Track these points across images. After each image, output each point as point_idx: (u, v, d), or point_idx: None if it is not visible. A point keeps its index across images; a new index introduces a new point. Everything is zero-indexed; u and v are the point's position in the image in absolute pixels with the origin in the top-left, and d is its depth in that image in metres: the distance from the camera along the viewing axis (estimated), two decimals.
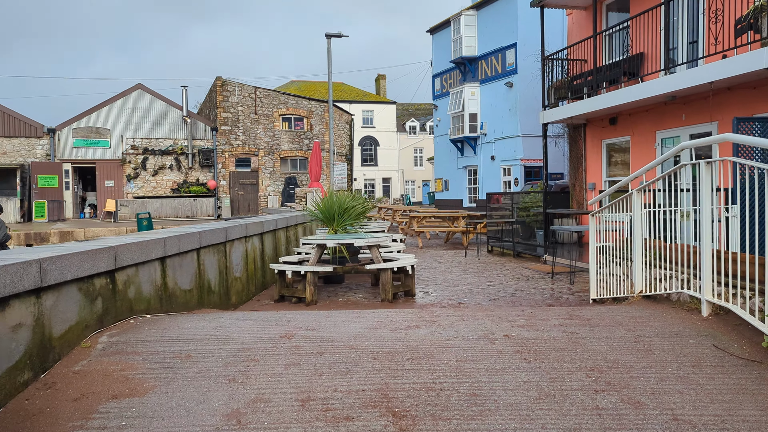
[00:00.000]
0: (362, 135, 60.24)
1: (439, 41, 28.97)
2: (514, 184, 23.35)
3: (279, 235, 10.96)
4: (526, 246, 14.47)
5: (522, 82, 22.97)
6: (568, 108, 14.60)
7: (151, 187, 30.01)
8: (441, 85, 29.08)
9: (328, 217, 10.32)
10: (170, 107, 30.23)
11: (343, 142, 35.59)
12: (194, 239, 6.49)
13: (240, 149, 31.32)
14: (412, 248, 17.25)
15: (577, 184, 16.34)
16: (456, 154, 27.53)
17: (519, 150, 23.22)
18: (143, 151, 29.78)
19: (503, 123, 24.03)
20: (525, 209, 15.82)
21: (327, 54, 16.21)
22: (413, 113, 67.39)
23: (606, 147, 15.21)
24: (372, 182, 61.92)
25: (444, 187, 29.00)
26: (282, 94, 32.14)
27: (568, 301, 8.24)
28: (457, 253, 15.82)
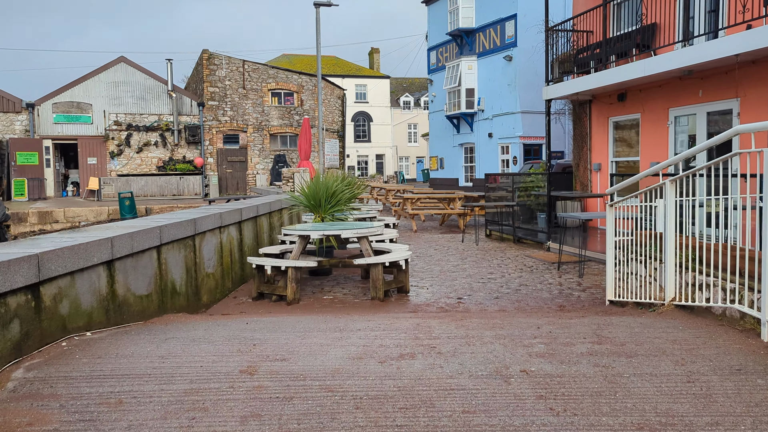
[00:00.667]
0: (355, 110, 59.00)
1: (435, 13, 27.77)
2: (513, 163, 22.43)
3: (261, 222, 10.04)
4: (527, 231, 13.60)
5: (522, 55, 21.93)
6: (574, 83, 13.64)
7: (136, 165, 28.93)
8: (436, 58, 27.95)
9: (314, 204, 9.40)
10: (155, 81, 29.01)
11: (334, 118, 34.48)
12: (153, 236, 5.58)
13: (228, 125, 30.21)
14: (406, 231, 16.37)
15: (581, 164, 15.44)
16: (452, 131, 26.54)
17: (518, 127, 22.27)
18: (127, 127, 28.64)
19: (501, 99, 23.03)
20: (525, 191, 14.93)
21: (315, 24, 15.13)
22: (407, 88, 66.04)
23: (613, 125, 14.29)
24: (365, 159, 60.86)
25: (439, 165, 28.04)
26: (271, 68, 30.94)
27: (580, 300, 7.39)
28: (454, 238, 14.95)
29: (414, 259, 11.21)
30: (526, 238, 13.43)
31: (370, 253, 7.83)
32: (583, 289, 8.08)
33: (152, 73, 29.00)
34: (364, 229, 7.80)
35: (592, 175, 15.02)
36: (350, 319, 5.23)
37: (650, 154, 12.79)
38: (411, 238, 14.96)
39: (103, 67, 28.18)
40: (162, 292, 5.79)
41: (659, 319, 4.79)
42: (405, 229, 16.92)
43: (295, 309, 7.09)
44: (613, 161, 14.32)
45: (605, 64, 12.69)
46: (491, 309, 6.92)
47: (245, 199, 18.01)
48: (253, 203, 9.95)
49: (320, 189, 9.49)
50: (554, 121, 22.69)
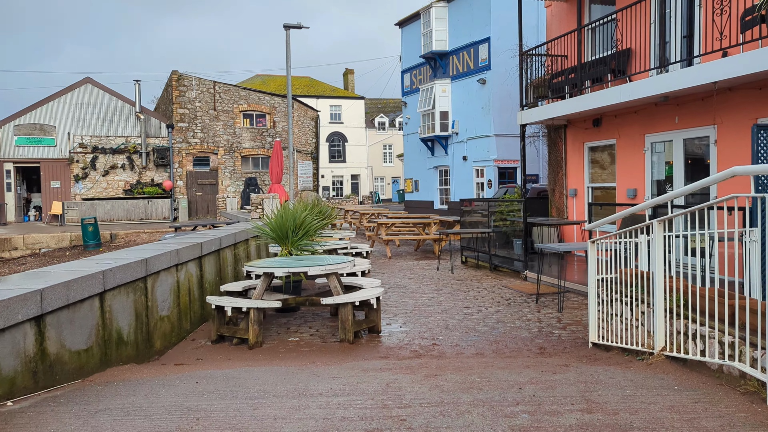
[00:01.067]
0: (330, 131, 58.75)
1: (409, 35, 27.63)
2: (488, 186, 22.18)
3: (224, 255, 9.50)
4: (504, 259, 13.23)
5: (496, 78, 21.78)
6: (548, 108, 13.40)
7: (102, 188, 28.08)
8: (410, 81, 27.76)
9: (280, 236, 8.91)
10: (122, 103, 28.31)
11: (308, 139, 34.06)
12: (94, 282, 5.04)
13: (198, 147, 29.58)
14: (380, 258, 15.92)
15: (557, 189, 15.19)
16: (426, 154, 26.26)
17: (492, 150, 22.05)
18: (93, 150, 27.84)
19: (476, 122, 22.83)
20: (501, 216, 14.61)
21: (285, 47, 14.73)
22: (382, 109, 65.98)
23: (589, 150, 14.08)
24: (340, 179, 60.48)
25: (414, 187, 27.72)
26: (243, 89, 30.45)
27: (561, 340, 6.98)
28: (429, 264, 14.54)
29: (387, 291, 10.75)
30: (503, 266, 13.06)
31: (339, 291, 7.35)
32: (564, 327, 7.68)
33: (119, 95, 28.31)
34: (333, 265, 7.33)
35: (568, 200, 14.77)
36: (314, 374, 4.74)
37: (627, 180, 12.57)
38: (385, 266, 14.52)
39: (68, 89, 27.42)
40: (105, 344, 5.24)
41: (650, 373, 4.38)
42: (379, 255, 16.47)
43: (257, 354, 6.57)
44: (589, 186, 14.08)
45: (580, 89, 12.48)
46: (468, 353, 6.47)
47: (213, 226, 17.43)
48: (216, 235, 9.42)
49: (287, 220, 8.99)
50: (529, 144, 22.54)
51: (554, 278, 10.82)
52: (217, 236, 9.19)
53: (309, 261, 7.77)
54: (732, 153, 9.78)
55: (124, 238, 23.28)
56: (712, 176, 4.07)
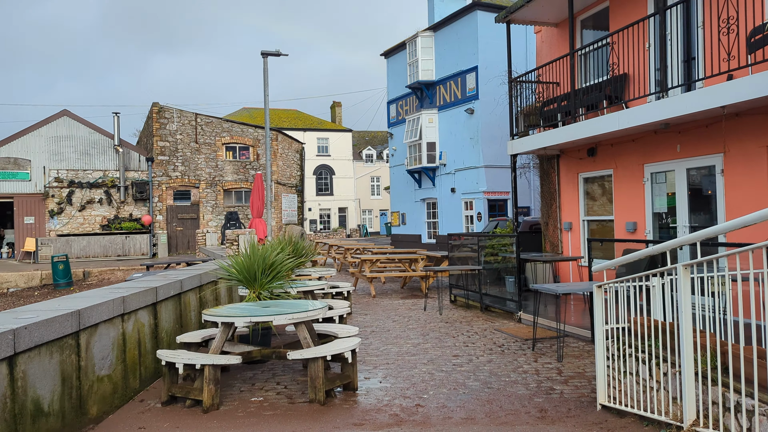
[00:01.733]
0: (317, 164, 58.19)
1: (394, 65, 27.13)
2: (477, 219, 21.39)
3: (187, 299, 8.57)
4: (496, 298, 12.35)
5: (484, 108, 21.18)
6: (540, 137, 12.70)
7: (78, 224, 27.05)
8: (396, 111, 27.16)
9: (248, 278, 8.01)
10: (100, 136, 27.48)
11: (292, 172, 33.30)
12: (2, 344, 4.12)
13: (179, 181, 28.70)
14: (364, 297, 14.98)
15: (551, 222, 14.41)
16: (413, 186, 25.52)
17: (482, 182, 21.33)
18: (69, 184, 26.88)
19: (464, 153, 22.16)
20: (492, 251, 13.79)
21: (263, 74, 14.01)
22: (370, 141, 65.60)
23: (584, 181, 13.35)
24: (328, 212, 59.70)
25: (401, 220, 26.90)
26: (225, 122, 29.74)
27: (563, 398, 6.07)
28: (416, 304, 13.63)
29: (368, 336, 9.83)
30: (495, 307, 12.17)
31: (309, 342, 6.45)
32: (565, 380, 6.78)
33: (98, 127, 27.49)
34: (302, 312, 6.44)
35: (563, 234, 13.98)
36: None
37: (625, 213, 11.81)
38: (368, 306, 13.59)
39: (45, 121, 26.58)
40: (15, 420, 4.29)
41: None
42: (363, 294, 15.55)
43: (211, 420, 5.62)
44: (584, 220, 13.31)
45: (574, 117, 11.79)
46: (456, 416, 5.56)
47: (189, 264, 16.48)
48: (176, 277, 8.49)
49: (256, 260, 8.11)
50: (519, 175, 21.83)
51: (551, 320, 9.96)
52: (177, 278, 8.27)
53: (277, 308, 6.87)
54: (741, 182, 9.04)
55: (97, 276, 22.22)
56: (749, 217, 3.24)
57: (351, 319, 11.47)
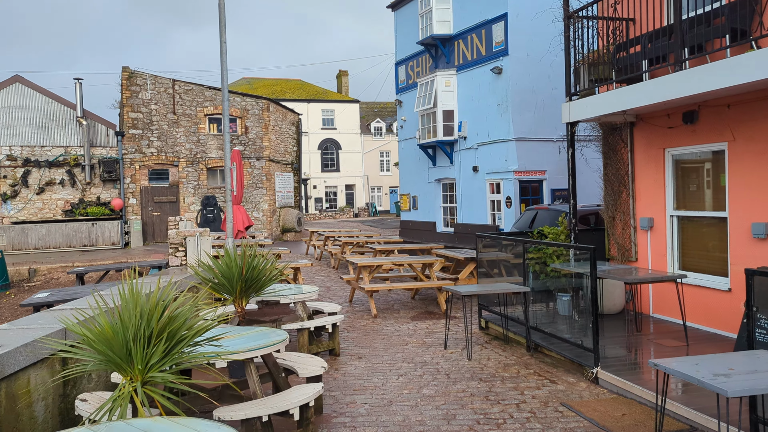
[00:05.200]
0: (322, 137, 54.17)
1: (403, 19, 22.85)
2: (506, 206, 17.32)
3: (19, 384, 4.62)
4: (550, 337, 8.34)
5: (516, 66, 16.99)
6: (613, 97, 8.57)
7: (36, 209, 23.27)
8: (406, 74, 22.93)
9: (120, 360, 4.07)
10: (60, 106, 23.52)
11: (287, 147, 29.24)
12: None
13: (154, 158, 24.76)
14: (362, 316, 11.05)
15: (619, 217, 10.35)
16: (426, 164, 21.43)
17: (512, 159, 17.23)
18: (24, 163, 23.03)
19: (489, 123, 18.02)
20: (538, 259, 9.81)
21: (219, 11, 9.94)
22: (379, 113, 61.27)
23: (673, 160, 9.25)
24: (334, 190, 55.79)
25: (411, 205, 22.85)
26: (208, 89, 25.65)
27: None
28: (433, 332, 9.71)
29: (362, 391, 5.93)
30: (548, 349, 8.17)
31: None
32: None
33: (57, 96, 23.52)
34: None
35: (638, 234, 9.93)
36: None
37: (749, 208, 7.74)
38: (366, 335, 9.67)
39: None
40: None
41: None
42: (361, 310, 11.63)
43: None
44: (673, 215, 9.25)
45: (678, 62, 7.63)
46: None
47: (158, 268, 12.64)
48: None
49: (131, 327, 4.20)
50: (557, 150, 17.74)
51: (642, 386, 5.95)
52: None
53: None
54: None
55: (46, 274, 18.46)
56: None
57: (335, 369, 7.57)
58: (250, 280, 7.57)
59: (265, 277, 7.70)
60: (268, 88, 53.54)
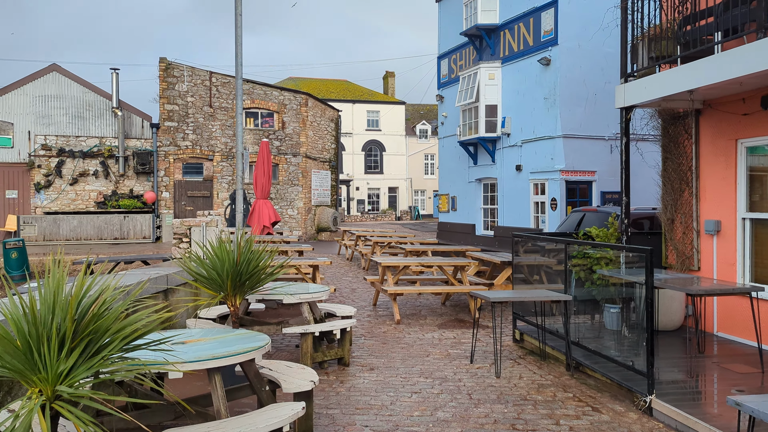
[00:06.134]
0: (367, 139, 53.42)
1: (447, 10, 21.71)
2: (551, 208, 15.97)
3: None
4: (589, 353, 7.07)
5: (565, 57, 15.68)
6: (679, 75, 7.26)
7: (69, 200, 23.03)
8: (449, 68, 21.77)
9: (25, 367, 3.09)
10: (96, 96, 23.27)
11: (325, 144, 28.42)
12: None
13: (189, 151, 24.27)
14: (384, 322, 9.96)
15: (679, 219, 8.99)
16: (467, 162, 20.21)
17: (558, 158, 15.89)
18: (58, 153, 22.83)
19: (535, 118, 16.72)
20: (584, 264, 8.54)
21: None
22: (425, 115, 60.07)
23: (748, 154, 7.87)
24: (377, 192, 54.91)
25: (450, 206, 21.65)
26: (246, 82, 25.03)
27: None
28: (459, 343, 8.55)
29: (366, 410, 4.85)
30: (594, 369, 6.90)
31: None
32: None
33: (93, 86, 23.28)
34: None
35: (701, 240, 8.56)
36: None
37: None
38: (385, 342, 8.58)
39: (30, 77, 22.53)
40: None
41: None
42: (384, 315, 10.54)
43: None
44: (746, 218, 7.86)
45: (763, 30, 6.31)
46: None
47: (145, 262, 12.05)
48: None
49: None
50: (608, 149, 16.30)
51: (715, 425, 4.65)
52: None
53: None
54: None
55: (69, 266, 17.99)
56: None
57: (341, 381, 6.50)
58: (244, 275, 6.61)
59: (262, 272, 6.73)
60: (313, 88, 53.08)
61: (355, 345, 8.55)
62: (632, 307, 8.20)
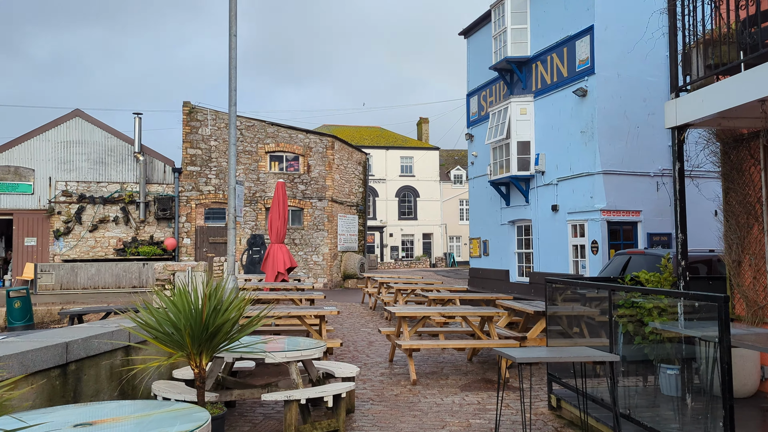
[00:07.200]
0: (400, 185, 52.62)
1: (476, 46, 20.79)
2: (592, 252, 14.45)
3: None
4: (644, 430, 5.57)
5: (603, 87, 14.41)
6: (746, 80, 5.93)
7: (89, 247, 22.41)
8: (478, 105, 20.69)
9: None
10: (118, 141, 22.87)
11: (352, 187, 27.43)
12: None
13: (212, 196, 23.55)
14: (398, 382, 8.55)
15: (746, 261, 7.48)
16: (499, 203, 18.87)
17: (598, 196, 14.45)
18: (79, 199, 22.34)
19: (571, 154, 15.38)
20: (633, 315, 7.07)
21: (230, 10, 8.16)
22: (459, 161, 59.06)
23: None
24: (411, 238, 53.69)
25: (482, 250, 20.22)
26: (270, 125, 24.40)
27: None
28: (484, 411, 7.10)
29: None
30: None
31: None
32: None
33: (116, 131, 22.91)
34: None
35: None
36: None
37: None
38: (395, 407, 7.18)
39: (53, 123, 22.29)
40: None
41: None
42: (399, 377, 9.13)
43: None
44: None
45: None
46: None
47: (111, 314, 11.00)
48: None
49: None
50: (654, 186, 14.82)
51: None
52: None
53: None
54: None
55: None
56: None
57: None
58: (211, 328, 5.42)
59: (232, 325, 5.54)
60: (347, 135, 52.78)
61: (359, 411, 7.19)
62: (694, 369, 6.69)
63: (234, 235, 8.48)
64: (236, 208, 8.43)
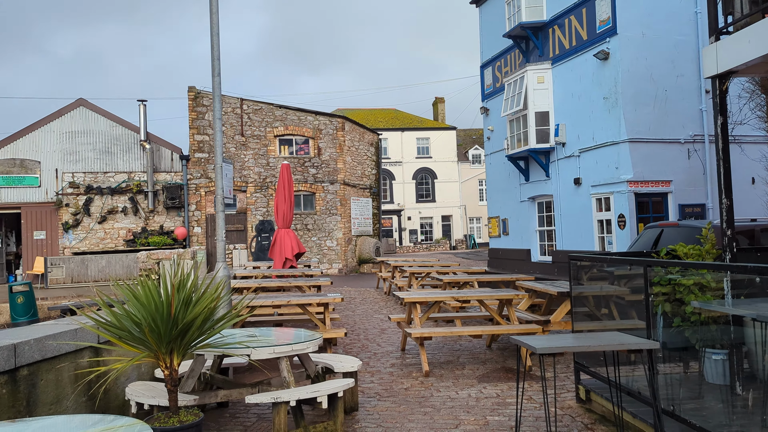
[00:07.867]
0: (417, 167, 51.69)
1: (489, 13, 19.74)
2: (619, 226, 13.51)
3: None
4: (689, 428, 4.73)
5: (627, 47, 13.38)
6: None
7: (98, 239, 21.95)
8: (493, 77, 19.68)
9: None
10: (124, 129, 22.30)
11: (365, 170, 26.62)
12: None
13: None
14: (409, 375, 7.78)
15: None
16: (517, 179, 17.94)
17: (624, 166, 13.47)
18: (86, 190, 21.85)
19: (594, 123, 14.39)
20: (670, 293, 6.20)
21: None
22: (477, 140, 57.79)
23: None
24: (429, 221, 52.85)
25: (501, 229, 19.31)
26: (278, 108, 23.64)
27: None
28: (502, 403, 6.32)
29: None
30: None
31: None
32: None
33: (121, 119, 22.33)
34: None
35: None
36: None
37: None
38: (404, 403, 6.41)
39: (56, 114, 21.77)
40: None
41: None
42: (411, 368, 8.36)
43: None
44: None
45: None
46: None
47: None
48: None
49: None
50: (686, 154, 13.80)
51: None
52: None
53: None
54: None
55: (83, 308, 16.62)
56: None
57: None
58: (181, 323, 4.72)
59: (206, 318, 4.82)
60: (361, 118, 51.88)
61: (363, 409, 6.45)
62: (744, 352, 5.82)
63: (222, 218, 7.76)
64: (224, 189, 7.69)
